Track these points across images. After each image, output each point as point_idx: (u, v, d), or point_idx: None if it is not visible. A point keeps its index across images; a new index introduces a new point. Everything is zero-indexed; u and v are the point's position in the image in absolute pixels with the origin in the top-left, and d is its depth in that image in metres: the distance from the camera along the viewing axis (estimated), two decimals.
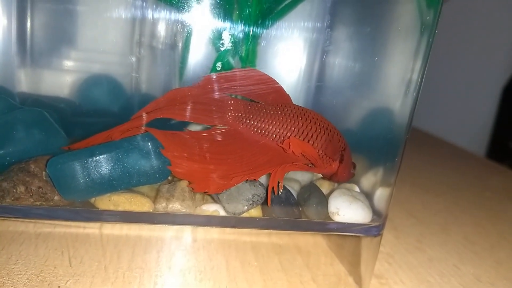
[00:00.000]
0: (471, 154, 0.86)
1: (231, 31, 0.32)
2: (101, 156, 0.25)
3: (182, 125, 0.29)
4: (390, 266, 0.37)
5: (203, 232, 0.34)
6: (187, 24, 0.31)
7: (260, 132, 0.28)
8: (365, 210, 0.29)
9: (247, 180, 0.27)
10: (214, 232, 0.34)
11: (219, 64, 0.31)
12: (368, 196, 0.32)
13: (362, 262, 0.32)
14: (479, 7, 1.10)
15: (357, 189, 0.32)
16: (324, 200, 0.29)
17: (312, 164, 0.29)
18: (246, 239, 0.34)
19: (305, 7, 0.32)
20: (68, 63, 0.35)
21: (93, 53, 0.35)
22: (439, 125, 1.04)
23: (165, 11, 0.32)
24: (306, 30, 0.32)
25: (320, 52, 0.32)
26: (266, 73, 0.28)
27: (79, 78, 0.35)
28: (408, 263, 0.37)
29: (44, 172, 0.26)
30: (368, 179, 0.33)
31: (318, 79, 0.33)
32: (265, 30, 0.32)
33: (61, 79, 0.35)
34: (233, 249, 0.33)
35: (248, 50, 0.32)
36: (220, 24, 0.32)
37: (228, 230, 0.35)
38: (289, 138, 0.28)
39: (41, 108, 0.32)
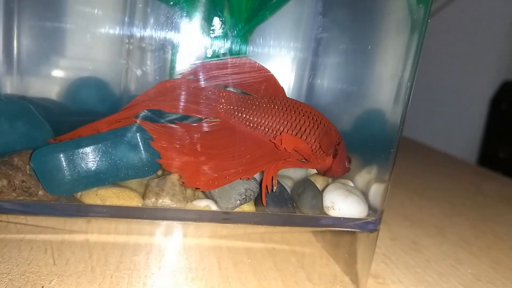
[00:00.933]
0: (463, 161, 0.86)
1: (222, 27, 0.31)
2: (87, 148, 0.24)
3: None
4: (387, 266, 0.36)
5: (194, 234, 0.33)
6: (178, 25, 0.30)
7: (252, 126, 0.27)
8: (361, 205, 0.29)
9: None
10: (206, 235, 0.33)
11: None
12: (363, 192, 0.31)
13: (358, 260, 0.31)
14: (468, 18, 1.12)
15: (351, 184, 0.31)
16: (318, 194, 0.29)
17: (305, 159, 0.28)
18: (239, 243, 0.33)
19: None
20: (57, 70, 0.34)
21: (81, 60, 0.35)
22: (429, 135, 1.05)
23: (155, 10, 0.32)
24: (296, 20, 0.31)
25: (312, 40, 0.32)
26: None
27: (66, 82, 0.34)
28: (405, 263, 0.37)
29: (28, 166, 0.25)
30: (363, 177, 0.32)
31: (310, 68, 0.32)
32: (256, 26, 0.32)
33: (48, 86, 0.35)
34: (225, 251, 0.32)
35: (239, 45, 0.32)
36: (211, 20, 0.32)
37: (220, 233, 0.34)
38: (281, 133, 0.27)
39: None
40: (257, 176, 0.28)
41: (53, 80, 0.35)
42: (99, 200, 0.25)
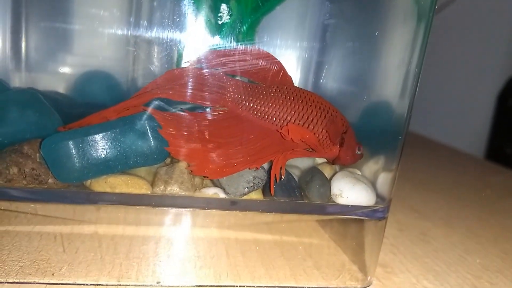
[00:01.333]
0: (470, 155, 0.86)
1: (228, 17, 0.32)
2: (96, 136, 0.25)
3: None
4: (395, 256, 0.36)
5: (202, 224, 0.33)
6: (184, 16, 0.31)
7: (259, 116, 0.27)
8: (369, 192, 0.29)
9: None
10: (214, 226, 0.34)
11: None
12: (371, 182, 0.31)
13: (366, 250, 0.31)
14: (475, 15, 1.12)
15: (359, 172, 0.31)
16: (326, 182, 0.29)
17: (312, 149, 0.28)
18: (247, 233, 0.33)
19: None
20: (63, 64, 0.35)
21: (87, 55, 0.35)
22: (437, 130, 1.04)
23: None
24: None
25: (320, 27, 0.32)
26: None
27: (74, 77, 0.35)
28: (413, 253, 0.37)
29: (38, 154, 0.25)
30: (370, 167, 0.32)
31: (318, 55, 0.32)
32: (263, 16, 0.32)
33: (56, 80, 0.35)
34: (232, 240, 0.32)
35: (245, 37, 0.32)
36: (217, 10, 0.32)
37: (228, 223, 0.34)
38: (288, 123, 0.27)
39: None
40: (265, 164, 0.28)
41: (60, 74, 0.35)
42: (108, 187, 0.25)
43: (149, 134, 0.25)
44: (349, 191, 0.28)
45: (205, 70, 0.26)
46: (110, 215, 0.32)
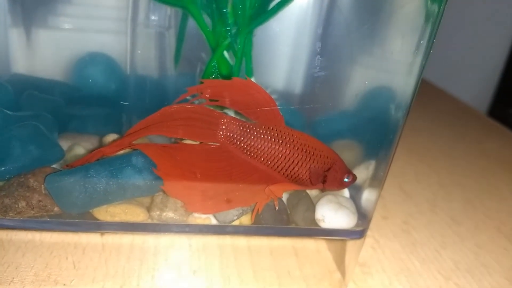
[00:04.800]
0: (473, 111, 0.85)
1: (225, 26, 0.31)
2: (96, 174, 0.26)
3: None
4: (374, 252, 0.39)
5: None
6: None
7: (249, 154, 0.28)
8: (350, 217, 0.31)
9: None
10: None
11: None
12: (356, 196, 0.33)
13: (346, 257, 0.34)
14: None
15: (346, 192, 0.33)
16: (311, 206, 0.31)
17: None
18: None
19: None
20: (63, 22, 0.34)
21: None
22: (443, 76, 1.02)
23: None
24: None
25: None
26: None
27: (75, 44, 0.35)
28: (392, 248, 0.40)
29: (43, 186, 0.27)
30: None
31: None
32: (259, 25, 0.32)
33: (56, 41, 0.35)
34: (228, 240, 0.35)
35: (243, 42, 0.32)
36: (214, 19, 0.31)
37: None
38: (273, 166, 0.28)
39: (36, 103, 0.33)
40: None
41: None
42: (109, 216, 0.28)
43: (144, 170, 0.27)
44: (331, 217, 0.30)
45: (199, 107, 0.27)
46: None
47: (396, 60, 0.32)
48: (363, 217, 0.32)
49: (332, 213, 0.30)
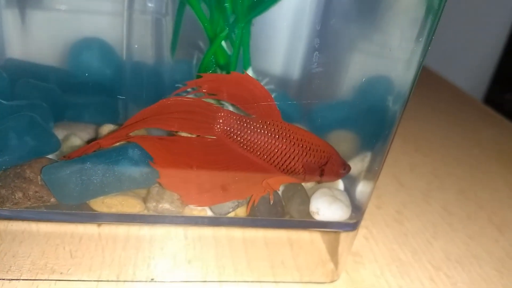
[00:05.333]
0: (469, 98, 0.86)
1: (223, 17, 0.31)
2: (92, 166, 0.26)
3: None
4: (367, 241, 0.40)
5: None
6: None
7: (245, 148, 0.28)
8: (344, 210, 0.31)
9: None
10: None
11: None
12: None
13: (339, 248, 0.35)
14: None
15: (341, 185, 0.33)
16: (306, 199, 0.31)
17: None
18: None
19: None
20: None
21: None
22: (440, 62, 1.02)
23: None
24: None
25: None
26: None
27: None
28: (384, 238, 0.40)
29: (39, 177, 0.27)
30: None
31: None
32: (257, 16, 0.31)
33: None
34: (223, 231, 0.36)
35: (241, 33, 0.32)
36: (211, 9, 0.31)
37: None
38: (270, 160, 0.28)
39: (31, 91, 0.32)
40: None
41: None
42: (105, 207, 0.28)
43: (140, 163, 0.27)
44: (326, 210, 0.31)
45: (196, 101, 0.27)
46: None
47: (396, 50, 0.32)
48: (357, 210, 0.33)
49: (326, 206, 0.31)
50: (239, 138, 0.28)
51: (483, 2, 1.07)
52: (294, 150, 0.28)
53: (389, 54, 0.32)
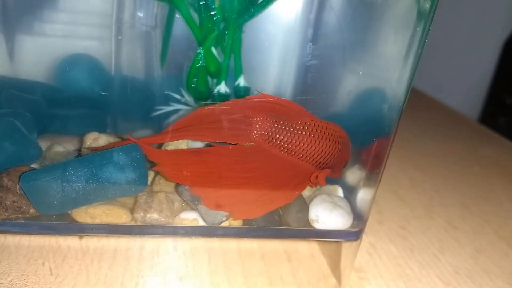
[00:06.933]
0: (464, 118, 0.85)
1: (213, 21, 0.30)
2: (74, 172, 0.25)
3: None
4: (371, 257, 0.37)
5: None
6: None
7: (285, 151, 0.27)
8: (345, 217, 0.29)
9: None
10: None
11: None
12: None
13: (342, 258, 0.32)
14: None
15: (340, 192, 0.32)
16: (304, 207, 0.29)
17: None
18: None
19: None
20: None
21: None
22: (433, 80, 1.02)
23: None
24: None
25: None
26: None
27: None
28: (389, 253, 0.38)
29: (18, 185, 0.25)
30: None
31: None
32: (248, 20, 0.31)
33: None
34: (217, 243, 0.34)
35: (231, 39, 0.31)
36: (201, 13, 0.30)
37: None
38: (310, 159, 0.27)
39: (15, 102, 0.31)
40: None
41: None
42: (89, 218, 0.26)
43: (127, 168, 0.25)
44: (326, 217, 0.29)
45: (231, 108, 0.26)
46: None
47: (388, 60, 0.31)
48: (359, 217, 0.31)
49: (327, 213, 0.29)
50: (278, 142, 0.27)
51: (475, 21, 1.09)
52: (331, 147, 0.27)
53: (382, 64, 0.32)
